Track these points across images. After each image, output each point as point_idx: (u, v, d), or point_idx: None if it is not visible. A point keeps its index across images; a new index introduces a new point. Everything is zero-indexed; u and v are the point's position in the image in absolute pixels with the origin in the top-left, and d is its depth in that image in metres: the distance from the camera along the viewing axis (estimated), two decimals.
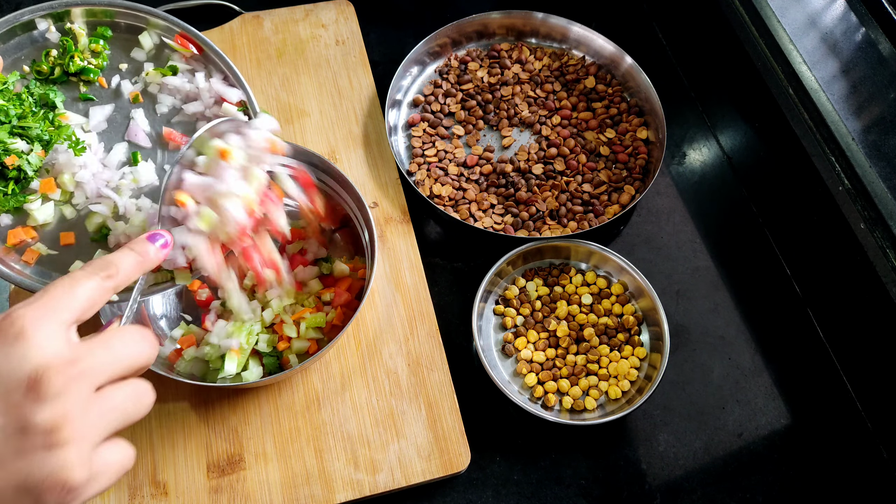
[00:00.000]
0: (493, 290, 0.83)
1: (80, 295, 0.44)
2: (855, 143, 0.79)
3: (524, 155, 0.93)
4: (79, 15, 0.69)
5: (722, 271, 0.88)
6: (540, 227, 0.88)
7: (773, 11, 0.89)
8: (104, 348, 0.43)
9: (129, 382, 0.44)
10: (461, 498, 0.74)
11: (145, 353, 0.45)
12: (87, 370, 0.41)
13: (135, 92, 0.70)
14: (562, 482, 0.74)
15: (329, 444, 0.73)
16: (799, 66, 0.85)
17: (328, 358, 0.78)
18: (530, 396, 0.78)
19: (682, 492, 0.75)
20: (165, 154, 0.70)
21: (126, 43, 0.71)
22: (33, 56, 0.68)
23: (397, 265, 0.83)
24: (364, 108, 0.95)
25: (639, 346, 0.80)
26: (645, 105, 0.95)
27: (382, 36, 1.05)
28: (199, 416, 0.74)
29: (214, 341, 0.71)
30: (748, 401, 0.80)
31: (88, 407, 0.40)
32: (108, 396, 0.42)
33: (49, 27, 0.68)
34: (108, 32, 0.70)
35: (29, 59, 0.67)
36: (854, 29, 0.87)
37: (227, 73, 0.71)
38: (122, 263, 0.48)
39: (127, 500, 0.70)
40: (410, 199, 0.89)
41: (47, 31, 0.68)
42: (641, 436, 0.77)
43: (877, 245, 0.76)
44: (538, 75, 0.99)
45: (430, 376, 0.77)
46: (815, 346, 0.84)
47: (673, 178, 0.95)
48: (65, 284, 0.43)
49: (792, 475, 0.76)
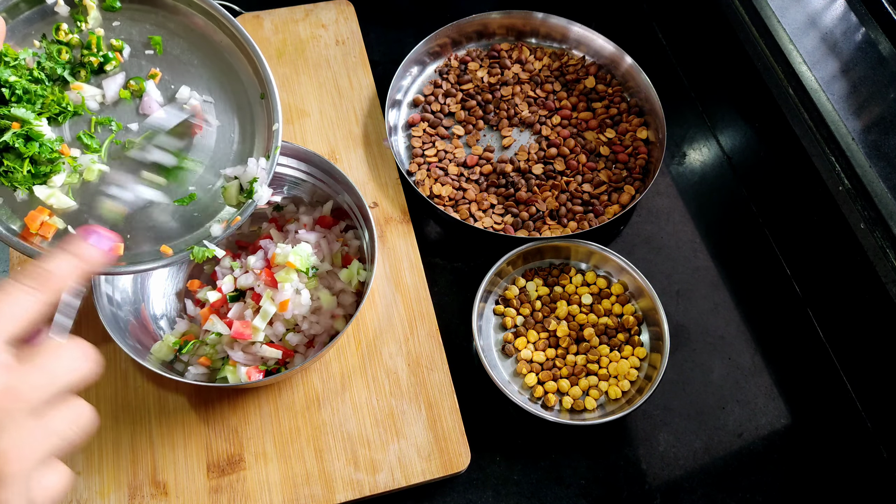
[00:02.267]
0: (493, 290, 0.83)
1: (13, 312, 0.40)
2: (855, 143, 0.79)
3: (524, 155, 0.93)
4: None
5: (722, 271, 0.88)
6: (540, 227, 0.88)
7: (773, 11, 0.89)
8: (41, 371, 0.39)
9: (67, 405, 0.41)
10: (461, 498, 0.74)
11: (84, 370, 0.42)
12: (24, 398, 0.38)
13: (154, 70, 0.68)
14: (562, 482, 0.74)
15: (329, 444, 0.73)
16: (799, 66, 0.85)
17: (328, 358, 0.78)
18: (530, 396, 0.78)
19: (682, 492, 0.75)
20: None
21: (137, 13, 0.68)
22: (42, 31, 0.65)
23: (397, 265, 0.83)
24: (364, 108, 0.95)
25: (639, 346, 0.80)
26: (645, 105, 0.95)
27: (382, 36, 1.05)
28: (199, 416, 0.74)
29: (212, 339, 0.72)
30: (748, 401, 0.80)
31: (25, 438, 0.38)
32: (44, 422, 0.39)
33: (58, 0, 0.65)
34: (116, 4, 0.67)
35: (38, 34, 0.65)
36: (854, 29, 0.87)
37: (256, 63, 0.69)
38: (58, 268, 0.43)
39: (127, 501, 0.70)
40: (410, 199, 0.89)
41: (56, 5, 0.65)
42: (641, 436, 0.77)
43: (877, 245, 0.76)
44: (538, 75, 0.99)
45: (430, 376, 0.77)
46: (815, 346, 0.84)
47: (673, 178, 0.95)
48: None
49: (792, 475, 0.76)
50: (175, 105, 0.68)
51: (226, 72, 0.70)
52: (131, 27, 0.68)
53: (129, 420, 0.73)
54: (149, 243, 0.66)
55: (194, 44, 0.69)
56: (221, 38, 0.70)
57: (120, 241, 0.64)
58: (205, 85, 0.69)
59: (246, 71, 0.70)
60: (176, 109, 0.68)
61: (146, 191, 0.66)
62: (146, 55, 0.68)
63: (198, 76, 0.69)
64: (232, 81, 0.70)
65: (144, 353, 0.70)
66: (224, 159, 0.69)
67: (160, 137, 0.67)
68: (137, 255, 0.65)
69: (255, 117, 0.71)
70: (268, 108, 0.70)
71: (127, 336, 0.70)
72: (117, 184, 0.65)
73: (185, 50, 0.69)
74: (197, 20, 0.69)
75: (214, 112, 0.69)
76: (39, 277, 0.42)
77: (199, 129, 0.69)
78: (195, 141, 0.69)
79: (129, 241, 0.65)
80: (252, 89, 0.70)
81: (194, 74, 0.69)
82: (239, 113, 0.70)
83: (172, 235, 0.67)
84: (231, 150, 0.70)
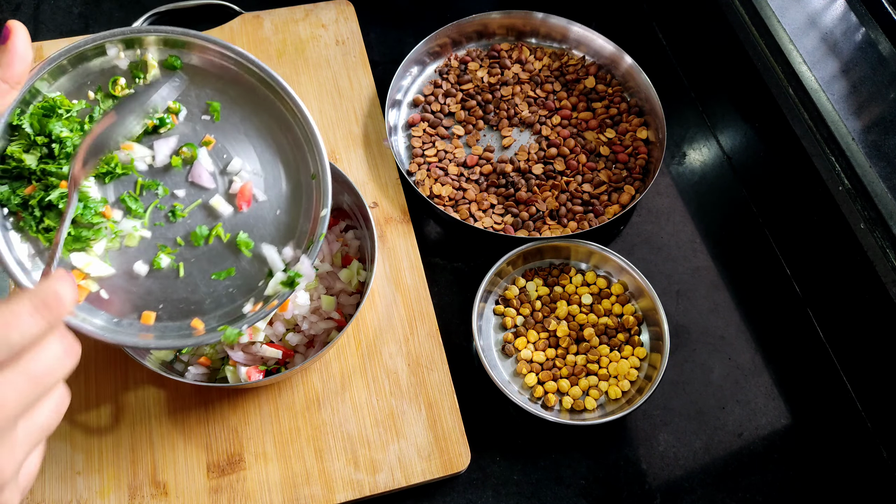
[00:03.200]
0: (493, 290, 0.83)
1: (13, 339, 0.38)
2: (855, 143, 0.79)
3: (524, 155, 0.93)
4: (151, 43, 0.63)
5: (722, 271, 0.88)
6: (540, 227, 0.88)
7: (773, 11, 0.89)
8: (24, 377, 0.38)
9: (48, 398, 0.41)
10: (461, 498, 0.74)
11: (67, 367, 0.41)
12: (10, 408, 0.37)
13: (208, 137, 0.65)
14: (562, 482, 0.75)
15: (329, 444, 0.73)
16: (799, 66, 0.86)
17: (328, 358, 0.78)
18: (530, 396, 0.78)
19: (682, 492, 0.75)
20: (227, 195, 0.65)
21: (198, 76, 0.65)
22: (99, 82, 0.63)
23: (397, 265, 0.83)
24: (364, 108, 0.95)
25: (639, 346, 0.80)
26: (645, 105, 0.95)
27: (382, 36, 1.05)
28: (199, 416, 0.74)
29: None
30: (748, 401, 0.80)
31: (14, 442, 0.38)
32: (30, 421, 0.39)
33: (119, 53, 0.63)
34: (178, 62, 0.64)
35: (94, 86, 0.63)
36: (854, 29, 0.87)
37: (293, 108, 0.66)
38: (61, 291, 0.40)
39: (127, 500, 0.70)
40: (410, 199, 0.89)
41: (116, 58, 0.63)
42: (641, 436, 0.77)
43: (877, 245, 0.76)
44: (538, 75, 0.99)
45: (430, 376, 0.77)
46: (815, 346, 0.84)
47: (673, 178, 0.95)
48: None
49: (792, 475, 0.76)
50: (226, 176, 0.65)
51: (280, 146, 0.67)
52: (190, 90, 0.65)
53: (129, 420, 0.73)
54: (180, 317, 0.63)
55: (251, 114, 0.66)
56: (279, 113, 0.66)
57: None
58: (257, 157, 0.66)
59: (301, 148, 0.67)
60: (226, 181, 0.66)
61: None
62: (202, 121, 0.65)
63: (251, 147, 0.66)
64: (284, 156, 0.67)
65: (144, 353, 0.70)
66: (265, 236, 0.66)
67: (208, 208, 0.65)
68: (167, 329, 0.62)
69: (304, 197, 0.67)
70: (318, 191, 0.67)
71: None
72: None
73: (241, 119, 0.66)
74: (259, 91, 0.66)
75: (263, 186, 0.66)
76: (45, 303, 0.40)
77: (248, 205, 0.66)
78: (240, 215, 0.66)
79: (161, 312, 0.62)
80: (304, 168, 0.67)
81: (248, 145, 0.66)
82: (287, 191, 0.67)
83: (205, 310, 0.64)
84: (273, 228, 0.66)
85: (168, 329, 0.62)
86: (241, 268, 0.65)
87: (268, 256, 0.65)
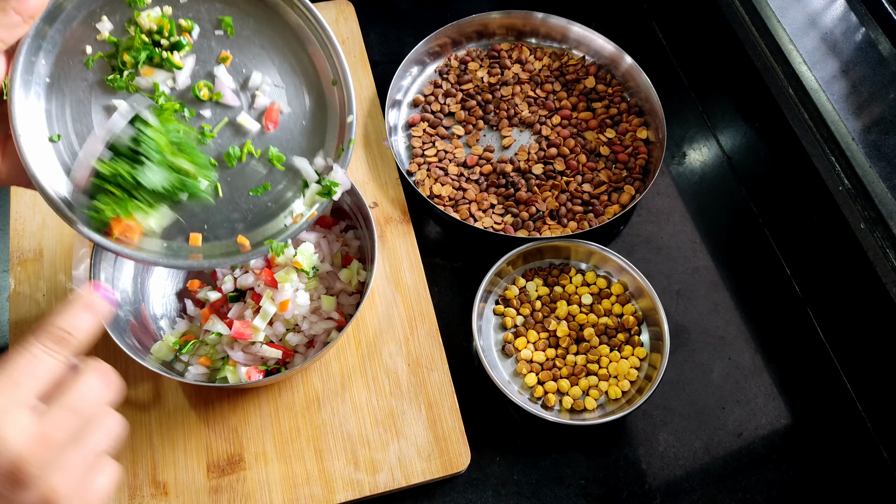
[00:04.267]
0: (493, 290, 0.83)
1: (39, 374, 0.42)
2: (855, 143, 0.79)
3: (524, 155, 0.93)
4: None
5: (722, 271, 0.88)
6: (540, 227, 0.88)
7: (773, 11, 0.89)
8: (67, 411, 0.42)
9: (99, 423, 0.44)
10: (461, 498, 0.74)
11: (107, 397, 0.45)
12: (58, 441, 0.41)
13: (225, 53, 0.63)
14: (562, 482, 0.74)
15: (329, 444, 0.73)
16: (799, 66, 0.86)
17: (328, 358, 0.78)
18: (530, 396, 0.78)
19: (682, 492, 0.75)
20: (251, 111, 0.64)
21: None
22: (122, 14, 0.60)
23: (397, 265, 0.83)
24: (364, 108, 0.95)
25: (639, 346, 0.80)
26: (645, 105, 0.95)
27: (382, 36, 1.05)
28: (199, 416, 0.74)
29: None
30: (748, 401, 0.80)
31: (70, 468, 0.41)
32: (82, 446, 0.43)
33: None
34: None
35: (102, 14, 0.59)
36: (854, 29, 0.87)
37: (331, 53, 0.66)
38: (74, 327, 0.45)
39: (127, 500, 0.70)
40: (410, 199, 0.89)
41: None
42: (641, 436, 0.77)
43: (877, 245, 0.76)
44: (538, 75, 0.99)
45: (430, 376, 0.77)
46: (815, 346, 0.84)
47: (673, 178, 0.95)
48: (22, 366, 0.42)
49: (792, 475, 0.76)
50: (247, 91, 0.65)
51: (297, 56, 0.66)
52: (199, 5, 0.63)
53: (129, 420, 0.72)
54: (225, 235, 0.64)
55: (264, 25, 0.64)
56: (292, 19, 0.65)
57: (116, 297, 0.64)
58: (276, 69, 0.65)
59: (318, 55, 0.66)
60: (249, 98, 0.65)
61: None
62: (216, 36, 0.63)
63: (269, 60, 0.65)
64: (303, 66, 0.66)
65: (144, 353, 0.70)
66: (294, 148, 0.66)
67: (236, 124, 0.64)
68: (214, 248, 0.64)
69: (328, 105, 0.67)
70: (341, 97, 0.66)
71: (127, 336, 0.70)
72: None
73: (255, 31, 0.64)
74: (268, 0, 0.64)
75: (286, 98, 0.66)
76: (59, 339, 0.44)
77: (275, 126, 0.65)
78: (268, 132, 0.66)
79: (207, 232, 0.64)
80: (324, 75, 0.66)
81: (265, 58, 0.65)
82: (310, 101, 0.67)
83: (248, 226, 0.65)
84: (301, 139, 0.66)
85: (215, 248, 0.64)
86: (275, 182, 0.66)
87: (301, 168, 0.66)
